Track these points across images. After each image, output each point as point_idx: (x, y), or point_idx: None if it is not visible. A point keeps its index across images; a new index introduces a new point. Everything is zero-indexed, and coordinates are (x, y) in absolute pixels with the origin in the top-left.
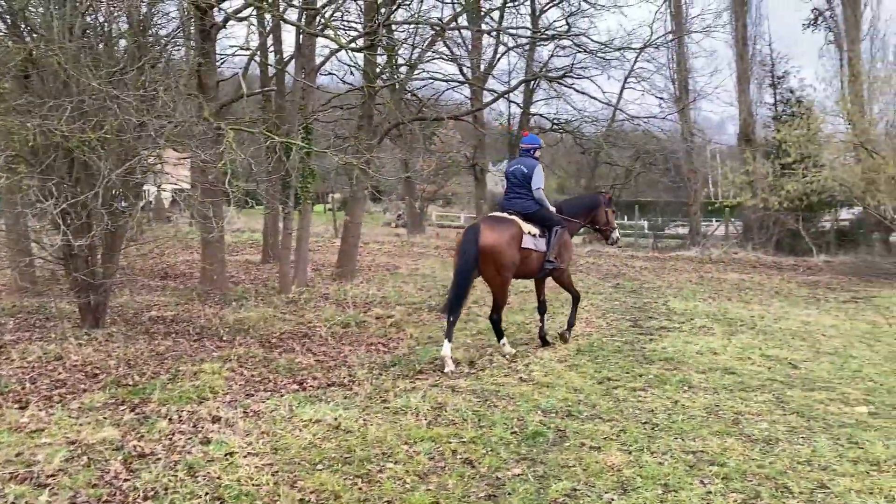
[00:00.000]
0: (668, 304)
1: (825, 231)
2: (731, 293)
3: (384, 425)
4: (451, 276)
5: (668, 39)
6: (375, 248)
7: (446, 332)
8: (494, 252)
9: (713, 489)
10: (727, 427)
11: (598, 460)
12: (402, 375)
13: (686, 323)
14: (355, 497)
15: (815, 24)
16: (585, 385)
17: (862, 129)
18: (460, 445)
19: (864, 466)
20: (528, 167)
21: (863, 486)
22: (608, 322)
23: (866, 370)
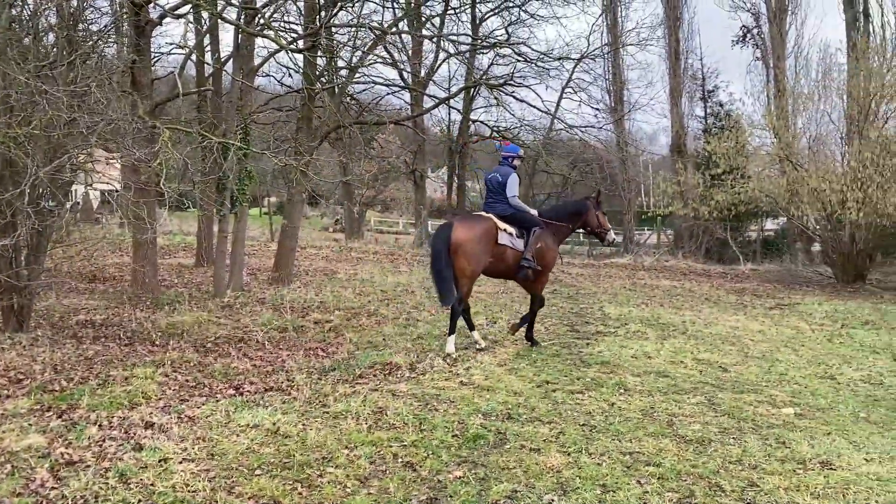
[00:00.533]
0: (603, 310)
1: (752, 240)
2: (663, 299)
3: (324, 430)
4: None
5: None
6: (313, 253)
7: (450, 327)
8: (464, 246)
9: (650, 489)
10: (662, 428)
11: (537, 462)
12: (342, 380)
13: (621, 328)
14: (295, 502)
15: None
16: (525, 388)
17: (786, 142)
18: (401, 449)
19: (791, 465)
20: (504, 175)
21: (790, 483)
22: (546, 327)
23: (792, 373)
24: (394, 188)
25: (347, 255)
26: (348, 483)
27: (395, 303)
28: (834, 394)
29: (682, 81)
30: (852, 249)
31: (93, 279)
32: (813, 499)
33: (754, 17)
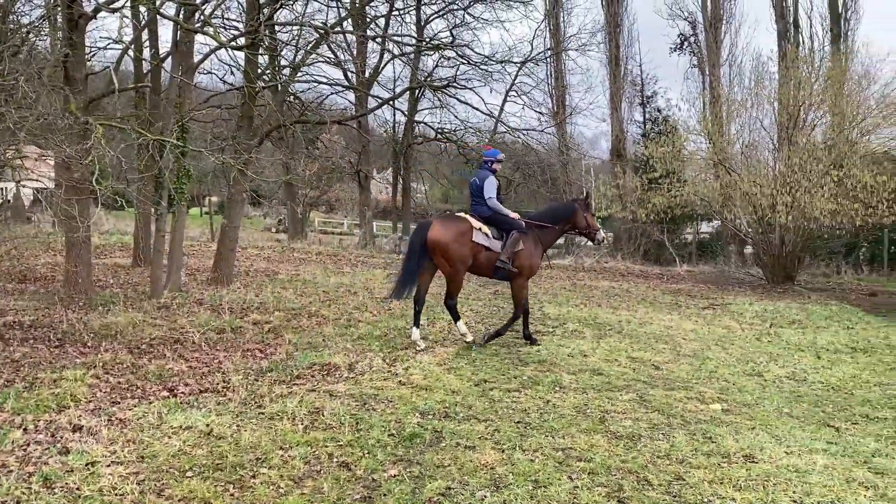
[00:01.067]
0: (543, 310)
1: (687, 242)
2: (601, 299)
3: (258, 431)
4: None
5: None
6: (254, 254)
7: (414, 320)
8: (440, 244)
9: (580, 484)
10: (594, 425)
11: (472, 459)
12: (279, 381)
13: (559, 327)
14: (227, 503)
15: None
16: (463, 387)
17: (720, 148)
18: (337, 449)
19: (716, 459)
20: (482, 178)
21: (714, 476)
22: (486, 327)
23: (721, 371)
24: (338, 189)
25: (290, 255)
26: (282, 484)
27: (337, 304)
28: (760, 390)
29: (622, 87)
30: (782, 251)
31: (23, 279)
32: (735, 491)
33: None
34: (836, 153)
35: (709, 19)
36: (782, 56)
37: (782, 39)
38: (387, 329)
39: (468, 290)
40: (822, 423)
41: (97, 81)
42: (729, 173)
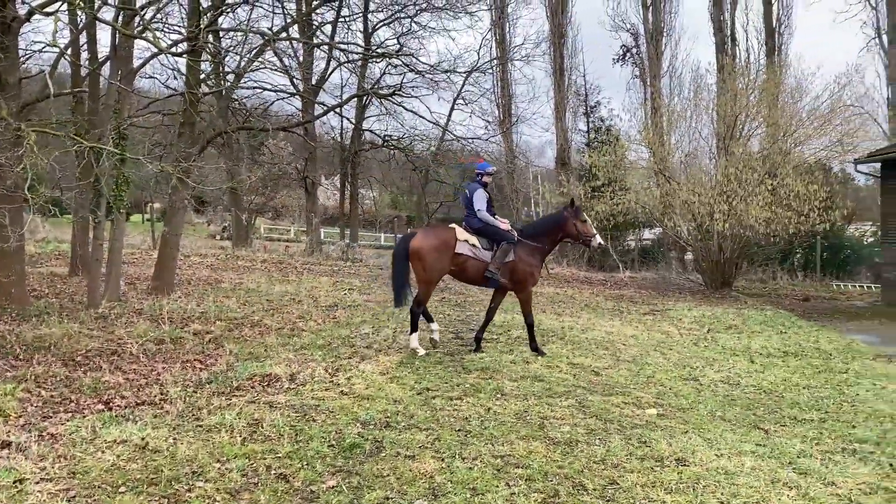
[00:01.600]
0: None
1: (630, 249)
2: (545, 306)
3: (195, 444)
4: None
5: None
6: (197, 262)
7: (412, 324)
8: (418, 253)
9: (517, 490)
10: (533, 431)
11: (411, 468)
12: (219, 392)
13: (503, 334)
14: None
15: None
16: (405, 396)
17: (661, 157)
18: (275, 461)
19: (649, 463)
20: (471, 191)
21: (647, 480)
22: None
23: (658, 376)
24: (285, 195)
25: (234, 263)
26: (218, 497)
27: (281, 313)
28: (695, 394)
29: (566, 97)
30: (720, 258)
31: None
32: (666, 494)
33: (633, 37)
34: (771, 163)
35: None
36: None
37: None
38: (330, 338)
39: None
40: (753, 426)
41: (33, 85)
42: (669, 182)
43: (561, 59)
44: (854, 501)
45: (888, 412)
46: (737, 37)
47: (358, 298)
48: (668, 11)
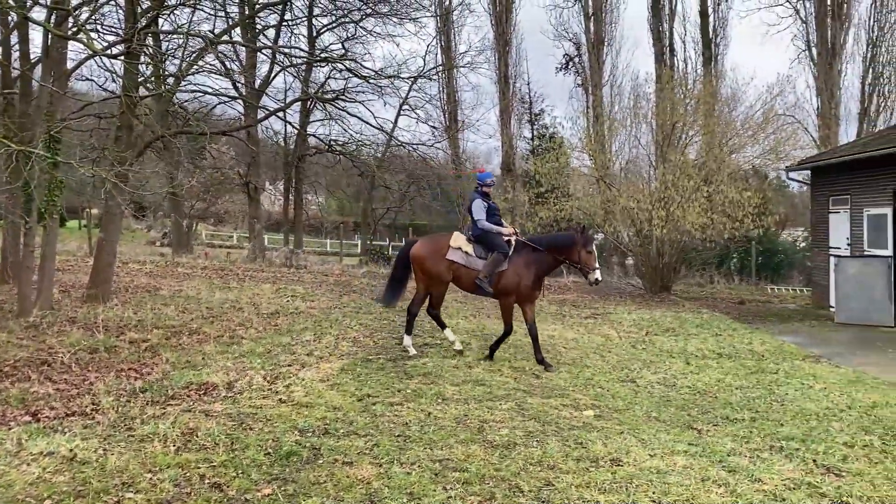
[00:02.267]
0: (432, 323)
1: None
2: (490, 311)
3: (127, 454)
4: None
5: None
6: (136, 269)
7: (407, 325)
8: (415, 260)
9: (454, 493)
10: (472, 435)
11: (349, 475)
12: (153, 401)
13: (447, 339)
14: None
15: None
16: (345, 403)
17: (601, 164)
18: (209, 470)
19: (584, 463)
20: (471, 201)
21: (582, 480)
22: (375, 341)
23: (597, 378)
24: (227, 201)
25: (174, 270)
26: None
27: (221, 320)
28: (632, 396)
29: (511, 104)
30: (659, 263)
31: None
32: (600, 494)
33: (576, 46)
34: (707, 171)
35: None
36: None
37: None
38: (270, 346)
39: (360, 303)
40: (687, 426)
41: None
42: (609, 189)
43: (506, 67)
44: (779, 497)
45: (814, 410)
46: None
47: (301, 305)
48: (610, 22)
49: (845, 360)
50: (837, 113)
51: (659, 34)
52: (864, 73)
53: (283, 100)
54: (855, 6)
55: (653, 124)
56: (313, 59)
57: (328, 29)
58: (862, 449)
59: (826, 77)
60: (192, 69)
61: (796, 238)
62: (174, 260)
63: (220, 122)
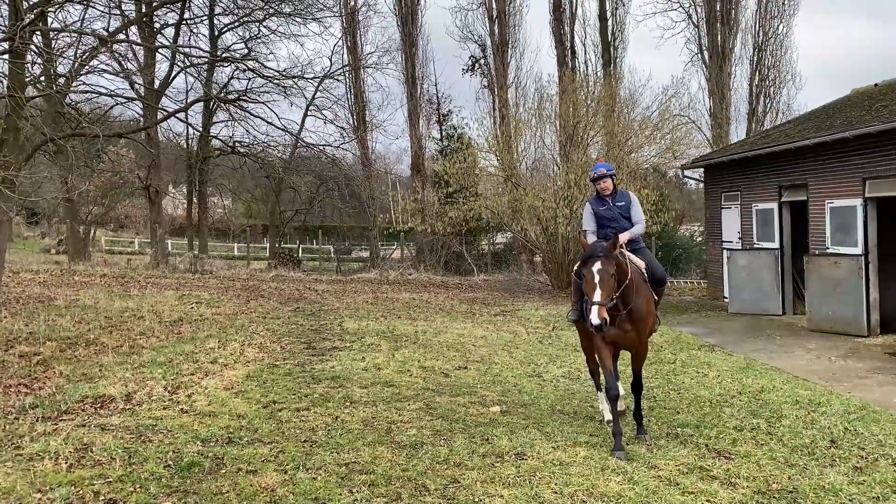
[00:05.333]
0: (342, 325)
1: (484, 253)
2: (401, 311)
3: (14, 474)
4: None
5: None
6: (28, 278)
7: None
8: None
9: (360, 496)
10: (380, 437)
11: (252, 483)
12: (44, 417)
13: (357, 342)
14: None
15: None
16: (250, 410)
17: (508, 164)
18: (105, 486)
19: (490, 459)
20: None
21: (487, 476)
22: (282, 346)
23: (504, 374)
24: (128, 205)
25: (70, 279)
26: None
27: (120, 330)
28: (538, 390)
29: (419, 105)
30: (564, 259)
31: None
32: (504, 488)
33: (481, 48)
34: None
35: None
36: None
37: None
38: (172, 355)
39: (267, 308)
40: (589, 417)
41: None
42: (517, 188)
43: (413, 68)
44: (673, 482)
45: (708, 397)
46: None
47: (206, 312)
48: (513, 25)
49: (738, 348)
50: (728, 113)
51: (560, 37)
52: (751, 76)
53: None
54: (743, 12)
55: (556, 125)
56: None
57: (230, 28)
58: (750, 432)
59: (717, 79)
60: (84, 69)
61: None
62: (70, 268)
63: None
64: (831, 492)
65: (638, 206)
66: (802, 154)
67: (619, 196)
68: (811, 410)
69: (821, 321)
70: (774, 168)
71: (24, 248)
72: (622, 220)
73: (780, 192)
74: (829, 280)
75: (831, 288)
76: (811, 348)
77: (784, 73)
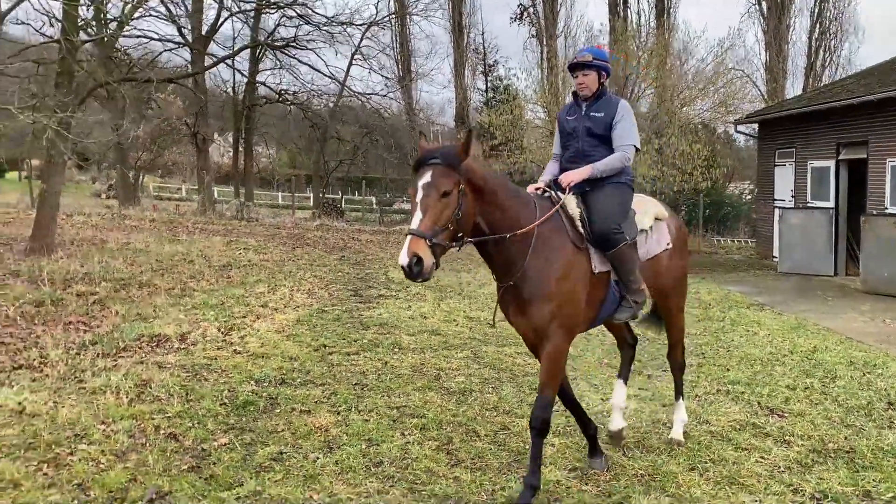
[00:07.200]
0: (387, 275)
1: None
2: (443, 263)
3: (78, 406)
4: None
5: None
6: (80, 221)
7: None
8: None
9: (412, 439)
10: (430, 382)
11: (306, 423)
12: (103, 354)
13: (402, 291)
14: (39, 483)
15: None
16: (301, 353)
17: (555, 116)
18: (164, 421)
19: None
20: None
21: None
22: (330, 293)
23: None
24: (176, 152)
25: (120, 223)
26: (102, 459)
27: (171, 273)
28: (585, 343)
29: (465, 54)
30: None
31: None
32: (554, 437)
33: None
34: (658, 123)
35: None
36: (612, 29)
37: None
38: (223, 298)
39: (313, 256)
40: (636, 372)
41: None
42: None
43: (460, 17)
44: (725, 437)
45: (758, 355)
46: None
47: (253, 258)
48: None
49: (788, 308)
50: (785, 67)
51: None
52: (811, 28)
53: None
54: None
55: None
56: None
57: None
58: (803, 391)
59: (775, 31)
60: (135, 13)
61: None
62: (121, 212)
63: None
64: (891, 453)
65: (629, 121)
66: (864, 110)
67: (603, 103)
68: (866, 372)
69: (876, 283)
70: (833, 124)
71: (76, 191)
72: (590, 140)
73: (837, 149)
74: (886, 241)
75: (889, 249)
76: (865, 310)
77: (846, 26)
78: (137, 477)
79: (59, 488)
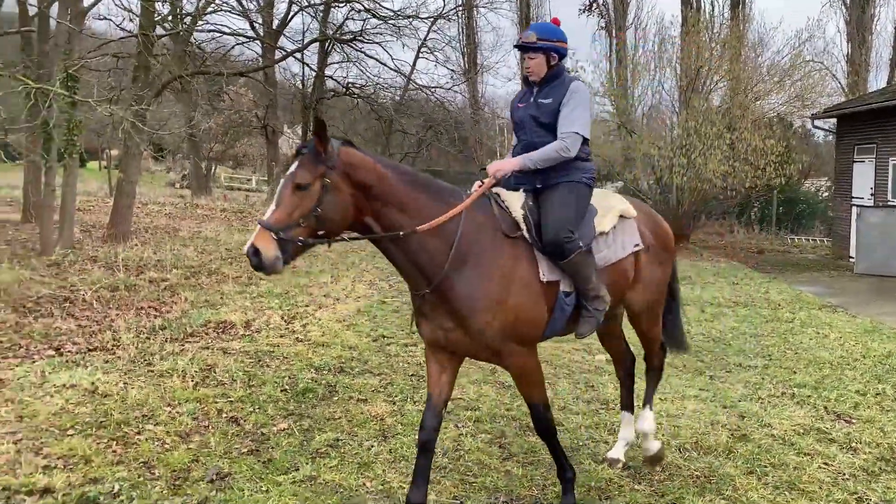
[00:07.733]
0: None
1: None
2: None
3: (146, 388)
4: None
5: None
6: (155, 210)
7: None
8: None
9: (465, 431)
10: (485, 376)
11: (363, 412)
12: (172, 338)
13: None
14: (108, 460)
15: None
16: (360, 343)
17: (622, 110)
18: (227, 405)
19: (594, 406)
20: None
21: (591, 421)
22: (391, 284)
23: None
24: (246, 143)
25: (192, 212)
26: (168, 439)
27: (239, 261)
28: None
29: None
30: (678, 211)
31: None
32: (608, 434)
33: None
34: (730, 117)
35: None
36: (684, 21)
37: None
38: (288, 287)
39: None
40: (698, 372)
41: None
42: (630, 135)
43: (527, 8)
44: (787, 441)
45: (827, 359)
46: None
47: (318, 248)
48: None
49: (863, 310)
50: (868, 59)
51: None
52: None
53: (300, 41)
54: None
55: (677, 69)
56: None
57: None
58: (874, 397)
59: (858, 21)
60: (208, 8)
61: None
62: (193, 202)
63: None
64: None
65: (575, 105)
66: None
67: (554, 87)
68: None
69: None
70: None
71: (151, 181)
72: (539, 130)
73: None
74: None
75: None
76: None
77: None
78: (200, 458)
79: (126, 465)
